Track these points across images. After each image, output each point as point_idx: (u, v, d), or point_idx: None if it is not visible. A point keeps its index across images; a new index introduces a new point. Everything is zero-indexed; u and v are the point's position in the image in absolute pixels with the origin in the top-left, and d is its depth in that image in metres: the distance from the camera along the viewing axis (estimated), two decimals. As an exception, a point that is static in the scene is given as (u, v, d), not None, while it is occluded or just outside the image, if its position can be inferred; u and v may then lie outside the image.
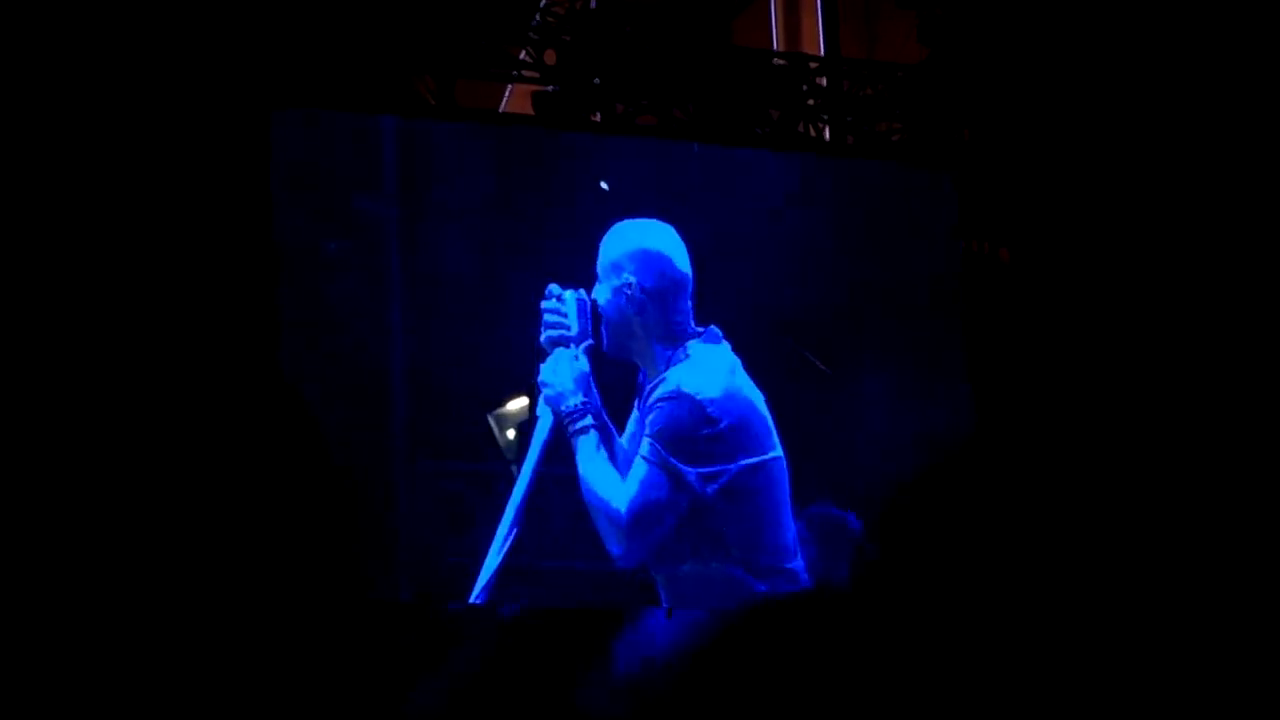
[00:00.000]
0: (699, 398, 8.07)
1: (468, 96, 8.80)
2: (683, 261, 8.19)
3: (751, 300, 8.62)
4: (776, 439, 8.23)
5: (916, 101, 9.21)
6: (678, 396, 8.07)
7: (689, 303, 8.19)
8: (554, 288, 8.11)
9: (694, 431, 8.07)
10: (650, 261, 8.16)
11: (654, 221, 8.27)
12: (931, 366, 8.90)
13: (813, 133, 9.13)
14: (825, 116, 9.17)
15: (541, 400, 8.07)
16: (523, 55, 8.82)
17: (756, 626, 8.17)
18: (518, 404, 8.20)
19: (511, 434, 8.17)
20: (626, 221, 8.25)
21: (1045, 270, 9.14)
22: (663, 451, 8.04)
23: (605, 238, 8.20)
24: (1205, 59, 9.12)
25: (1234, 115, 9.07)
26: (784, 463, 8.23)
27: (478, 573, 7.97)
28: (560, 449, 8.07)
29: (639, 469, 8.05)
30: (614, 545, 8.07)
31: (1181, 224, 9.05)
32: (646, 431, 8.08)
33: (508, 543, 7.96)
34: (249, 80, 8.13)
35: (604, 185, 8.49)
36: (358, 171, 8.31)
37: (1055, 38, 9.25)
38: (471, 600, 7.99)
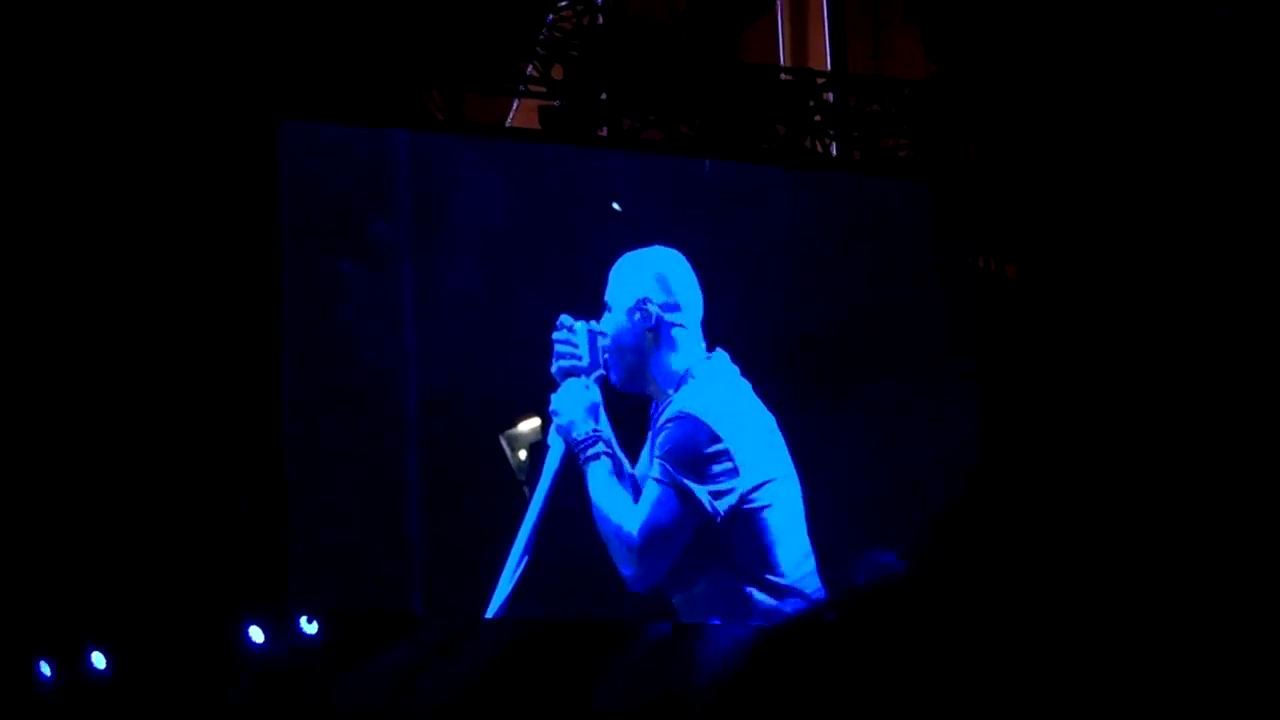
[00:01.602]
0: (705, 417, 8.11)
1: (475, 111, 8.82)
2: (692, 283, 8.26)
3: (760, 320, 8.63)
4: (788, 460, 8.26)
5: (923, 117, 9.21)
6: (684, 416, 8.11)
7: (699, 326, 8.23)
8: (565, 318, 8.15)
9: (702, 450, 8.10)
10: (661, 281, 8.23)
11: (662, 247, 8.31)
12: (939, 382, 8.88)
13: (819, 148, 9.13)
14: (832, 132, 9.17)
15: (552, 430, 8.10)
16: (530, 70, 8.83)
17: (768, 646, 8.18)
18: (529, 424, 8.22)
19: (523, 454, 8.20)
20: (635, 251, 8.29)
21: (1052, 286, 9.14)
22: (673, 471, 8.07)
23: (614, 268, 8.25)
24: (1212, 75, 9.12)
25: (1241, 131, 9.07)
26: (796, 484, 8.26)
27: (490, 587, 8.00)
28: (570, 479, 8.10)
29: (650, 491, 8.09)
30: (626, 567, 8.10)
31: (1189, 239, 9.05)
32: (656, 453, 8.12)
33: (519, 570, 7.98)
34: (257, 93, 8.15)
35: (616, 207, 8.51)
36: (371, 195, 8.30)
37: (1061, 54, 9.25)
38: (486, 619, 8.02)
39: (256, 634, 7.90)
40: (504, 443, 8.20)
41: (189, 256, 7.98)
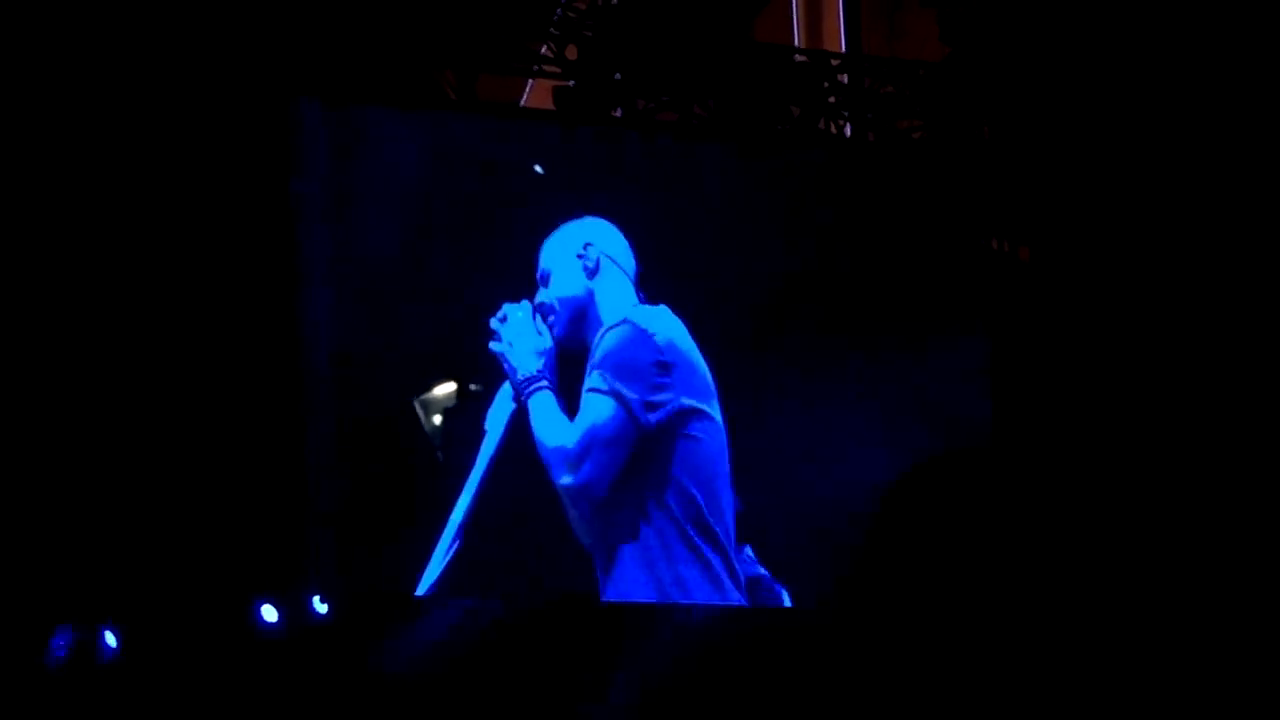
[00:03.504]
0: (645, 326, 8.03)
1: (489, 91, 8.80)
2: (624, 244, 8.21)
3: (766, 296, 8.62)
4: (718, 405, 8.13)
5: (937, 99, 9.20)
6: (624, 323, 8.02)
7: (635, 287, 8.18)
8: (509, 307, 8.11)
9: (640, 358, 8.00)
10: (605, 232, 8.19)
11: (592, 217, 8.26)
12: (951, 365, 8.87)
13: (834, 130, 9.12)
14: (846, 114, 9.16)
15: (490, 411, 8.04)
16: (544, 50, 8.81)
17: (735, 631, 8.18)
18: (444, 389, 8.13)
19: (438, 419, 8.09)
20: (568, 223, 8.24)
21: (1065, 269, 9.13)
22: (610, 377, 7.96)
23: (546, 241, 8.19)
24: (1227, 56, 9.10)
25: (1257, 112, 9.05)
26: (724, 431, 8.15)
27: (406, 559, 7.91)
28: (505, 464, 8.02)
29: (588, 401, 7.98)
30: (566, 476, 7.96)
31: (1203, 221, 9.04)
32: (593, 363, 8.02)
33: (450, 554, 7.91)
34: (272, 74, 8.14)
35: (538, 169, 8.45)
36: (281, 154, 8.15)
37: (1076, 36, 9.23)
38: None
39: (270, 613, 7.88)
40: (418, 408, 8.10)
41: (197, 241, 7.98)
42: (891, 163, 9.09)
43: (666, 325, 8.09)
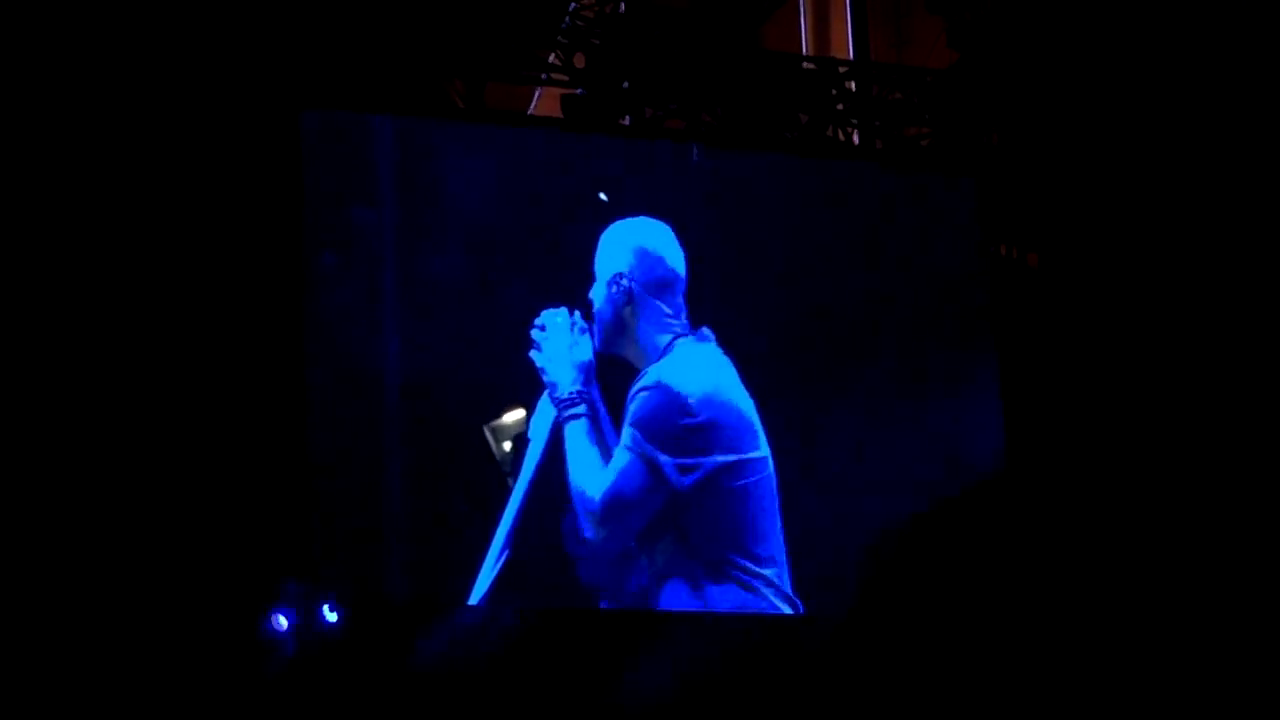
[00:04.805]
0: (679, 389, 8.10)
1: (497, 99, 8.81)
2: (675, 258, 8.23)
3: (763, 306, 8.64)
4: (764, 442, 8.21)
5: (945, 106, 9.20)
6: (657, 387, 8.10)
7: (681, 300, 8.21)
8: (546, 315, 8.16)
9: (673, 422, 8.09)
10: (642, 256, 8.22)
11: (649, 219, 8.30)
12: (959, 372, 8.87)
13: (841, 137, 9.13)
14: (854, 121, 9.16)
15: (532, 422, 8.11)
16: (552, 58, 8.83)
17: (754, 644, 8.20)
18: (513, 416, 8.19)
19: (507, 446, 8.16)
20: (623, 220, 8.29)
21: (1074, 275, 9.13)
22: (641, 439, 8.06)
23: (602, 237, 8.25)
24: (1235, 65, 9.10)
25: (1266, 120, 9.05)
26: (770, 466, 8.22)
27: (472, 579, 7.99)
28: (551, 472, 8.08)
29: (618, 458, 8.07)
30: (589, 531, 8.08)
31: (1212, 227, 9.04)
32: (627, 420, 8.10)
33: (500, 562, 7.96)
34: (279, 82, 8.16)
35: (603, 197, 8.49)
36: (352, 181, 8.25)
37: (1084, 43, 9.24)
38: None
39: (280, 621, 7.90)
40: (489, 435, 8.16)
41: (210, 249, 8.00)
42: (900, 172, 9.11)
43: (702, 377, 8.16)
